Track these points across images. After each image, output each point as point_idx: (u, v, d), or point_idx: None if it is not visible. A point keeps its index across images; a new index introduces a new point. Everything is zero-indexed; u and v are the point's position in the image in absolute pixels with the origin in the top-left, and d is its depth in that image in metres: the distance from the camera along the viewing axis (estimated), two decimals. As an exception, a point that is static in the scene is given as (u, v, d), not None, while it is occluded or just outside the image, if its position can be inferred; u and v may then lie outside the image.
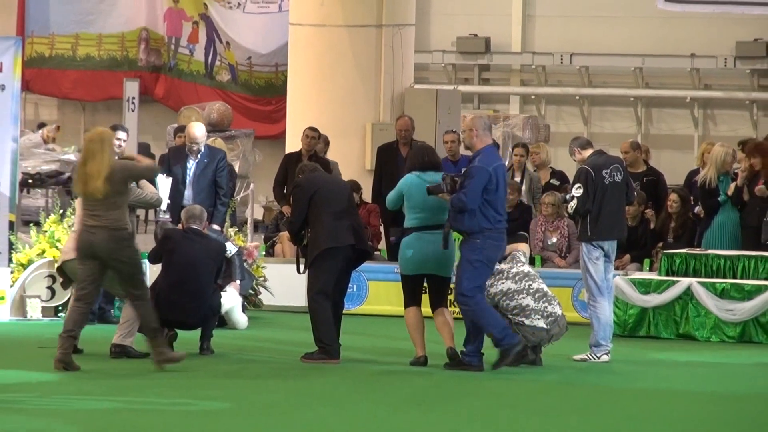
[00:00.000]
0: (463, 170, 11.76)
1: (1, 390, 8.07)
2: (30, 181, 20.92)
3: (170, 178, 13.57)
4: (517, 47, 29.01)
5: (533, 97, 28.27)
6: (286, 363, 10.80)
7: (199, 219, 11.57)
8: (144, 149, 20.98)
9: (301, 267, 10.71)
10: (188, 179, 14.10)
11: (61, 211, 14.17)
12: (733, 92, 26.18)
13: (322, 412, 8.63)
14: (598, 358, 10.95)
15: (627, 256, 14.99)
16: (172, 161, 14.68)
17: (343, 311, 10.80)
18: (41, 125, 24.01)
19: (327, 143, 16.07)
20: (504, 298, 10.72)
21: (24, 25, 27.18)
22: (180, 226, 11.95)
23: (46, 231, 13.87)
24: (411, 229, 10.28)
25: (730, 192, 14.41)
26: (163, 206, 13.02)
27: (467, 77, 28.44)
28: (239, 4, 27.20)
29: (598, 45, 28.54)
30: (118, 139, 13.60)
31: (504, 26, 29.48)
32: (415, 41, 21.23)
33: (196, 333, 10.78)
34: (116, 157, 14.11)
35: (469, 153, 16.91)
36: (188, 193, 13.85)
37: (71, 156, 21.32)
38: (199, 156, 14.32)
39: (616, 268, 12.78)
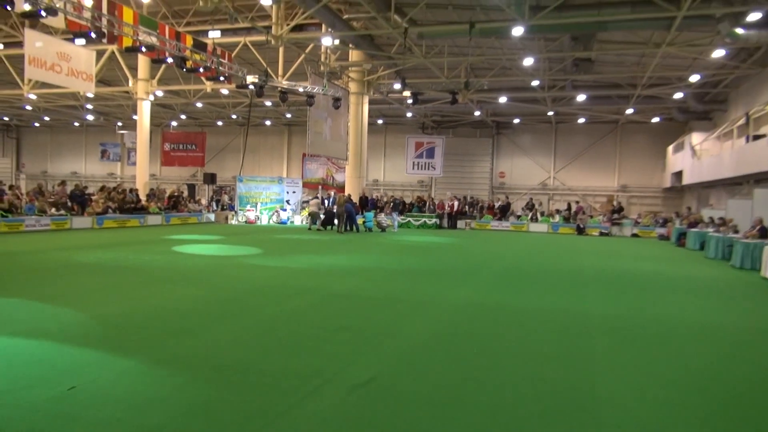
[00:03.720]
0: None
1: (294, 236, 20.38)
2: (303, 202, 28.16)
3: (327, 200, 25.01)
4: (382, 180, 36.45)
5: (387, 191, 33.94)
6: (356, 237, 20.76)
7: (330, 206, 23.09)
8: (320, 199, 26.22)
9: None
10: (329, 201, 24.86)
11: (304, 206, 26.55)
12: (421, 193, 34.67)
13: (354, 252, 19.41)
14: (395, 230, 23.06)
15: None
16: (325, 198, 26.16)
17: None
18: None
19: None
20: (381, 220, 23.02)
21: (303, 173, 32.10)
22: (329, 208, 23.65)
23: (307, 209, 25.74)
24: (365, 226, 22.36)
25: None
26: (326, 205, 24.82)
27: (375, 190, 34.07)
28: (337, 169, 31.38)
29: (395, 179, 35.81)
30: (317, 196, 27.49)
31: (379, 175, 36.37)
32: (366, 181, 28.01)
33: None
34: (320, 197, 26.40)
35: (376, 196, 29.44)
36: (327, 204, 24.18)
37: (313, 198, 27.62)
38: (330, 197, 25.49)
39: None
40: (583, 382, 4.58)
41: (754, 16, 15.16)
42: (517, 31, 16.83)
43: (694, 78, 22.27)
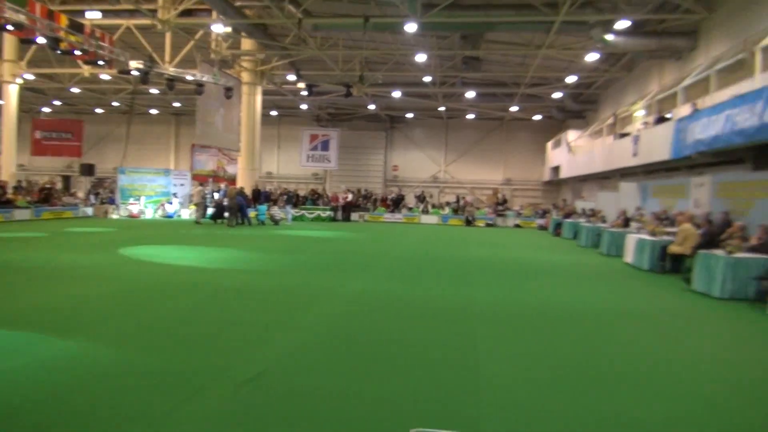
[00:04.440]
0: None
1: (184, 230, 21.05)
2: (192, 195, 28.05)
3: (217, 193, 25.34)
4: (276, 173, 35.71)
5: (281, 184, 33.40)
6: (248, 231, 22.85)
7: (220, 199, 22.91)
8: (209, 192, 28.15)
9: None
10: (220, 194, 25.33)
11: (191, 200, 25.05)
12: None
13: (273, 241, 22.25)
14: (288, 223, 23.21)
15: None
16: (214, 190, 26.08)
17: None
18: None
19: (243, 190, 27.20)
20: (274, 213, 22.96)
21: (192, 165, 32.06)
22: (219, 200, 23.77)
23: (193, 203, 25.10)
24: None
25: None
26: (216, 197, 24.45)
27: (268, 182, 33.56)
28: (229, 161, 31.55)
29: (289, 172, 35.02)
30: (204, 186, 26.97)
31: (273, 167, 35.65)
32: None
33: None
34: (208, 191, 27.32)
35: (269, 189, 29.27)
36: (218, 196, 24.92)
37: (197, 188, 26.35)
38: (221, 190, 25.49)
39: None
40: (468, 367, 4.78)
41: (621, 24, 16.76)
42: (410, 27, 17.24)
43: (571, 79, 23.91)
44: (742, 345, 6.13)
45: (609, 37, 17.19)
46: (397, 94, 27.60)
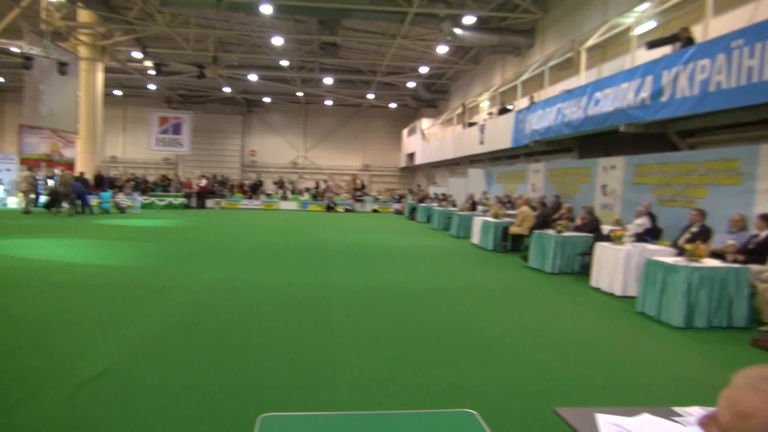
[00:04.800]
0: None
1: (24, 221, 19.61)
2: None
3: (51, 179, 22.86)
4: (121, 157, 33.59)
5: (128, 169, 31.47)
6: (87, 220, 20.97)
7: (55, 186, 20.56)
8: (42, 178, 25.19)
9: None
10: (54, 180, 22.69)
11: (19, 187, 22.47)
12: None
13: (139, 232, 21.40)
14: (136, 212, 23.10)
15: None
16: (48, 176, 23.96)
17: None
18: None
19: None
20: (119, 201, 22.77)
21: (21, 147, 27.78)
22: (54, 187, 21.25)
23: (21, 190, 22.60)
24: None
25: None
26: (50, 184, 22.14)
27: (113, 167, 31.96)
28: (65, 144, 28.49)
29: (137, 156, 32.95)
30: (34, 171, 24.41)
31: (118, 151, 33.51)
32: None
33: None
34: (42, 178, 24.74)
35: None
36: (52, 182, 22.38)
37: (24, 172, 23.19)
38: (54, 176, 22.84)
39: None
40: (324, 350, 4.88)
41: (468, 20, 17.78)
42: (266, 9, 16.88)
43: (423, 69, 25.04)
44: (565, 313, 6.80)
45: (457, 30, 18.10)
46: (253, 77, 26.98)
